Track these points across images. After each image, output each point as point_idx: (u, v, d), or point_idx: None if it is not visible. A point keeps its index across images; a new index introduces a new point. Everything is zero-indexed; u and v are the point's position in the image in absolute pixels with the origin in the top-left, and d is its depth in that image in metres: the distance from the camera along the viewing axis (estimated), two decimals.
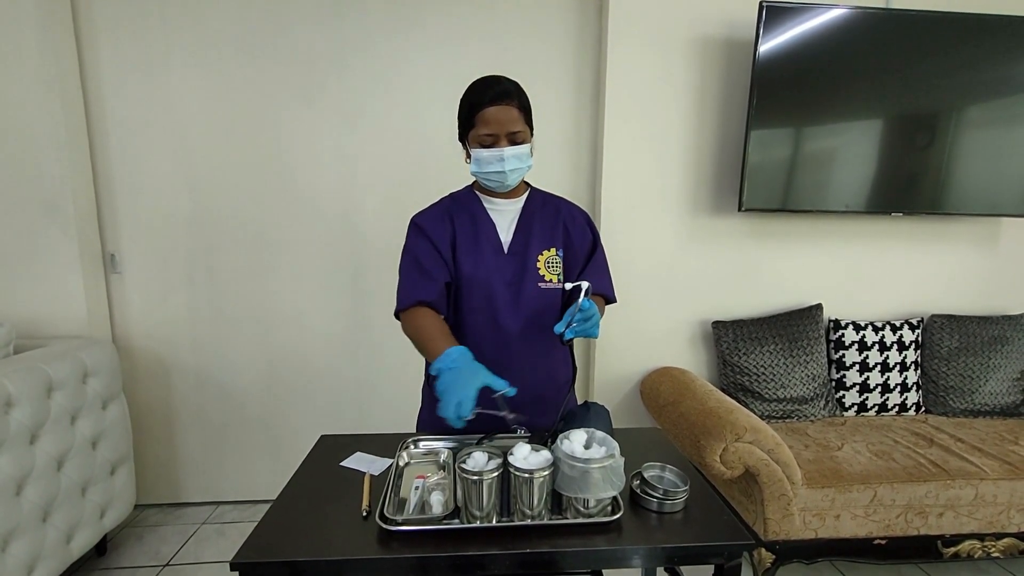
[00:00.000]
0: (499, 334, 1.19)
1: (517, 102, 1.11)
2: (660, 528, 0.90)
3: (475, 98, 1.11)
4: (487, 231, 1.21)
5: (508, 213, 1.23)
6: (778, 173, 2.00)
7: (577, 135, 2.17)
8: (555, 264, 1.22)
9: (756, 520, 1.65)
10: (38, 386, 1.53)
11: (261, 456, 2.27)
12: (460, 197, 1.26)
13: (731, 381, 2.10)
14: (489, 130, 1.11)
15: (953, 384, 2.13)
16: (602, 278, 1.28)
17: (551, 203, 1.28)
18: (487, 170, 1.14)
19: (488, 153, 1.12)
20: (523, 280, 1.19)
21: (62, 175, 1.88)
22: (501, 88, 1.10)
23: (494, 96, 1.09)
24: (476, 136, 1.13)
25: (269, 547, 0.84)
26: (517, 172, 1.16)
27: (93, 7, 1.93)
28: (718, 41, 2.03)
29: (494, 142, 1.12)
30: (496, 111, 1.09)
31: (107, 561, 1.91)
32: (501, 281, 1.19)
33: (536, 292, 1.20)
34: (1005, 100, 2.00)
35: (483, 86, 1.12)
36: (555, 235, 1.24)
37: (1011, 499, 1.68)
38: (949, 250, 2.28)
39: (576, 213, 1.29)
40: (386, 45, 2.04)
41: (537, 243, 1.21)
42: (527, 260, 1.20)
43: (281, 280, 2.15)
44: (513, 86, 1.12)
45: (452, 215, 1.22)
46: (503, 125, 1.10)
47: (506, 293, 1.19)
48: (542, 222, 1.24)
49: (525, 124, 1.14)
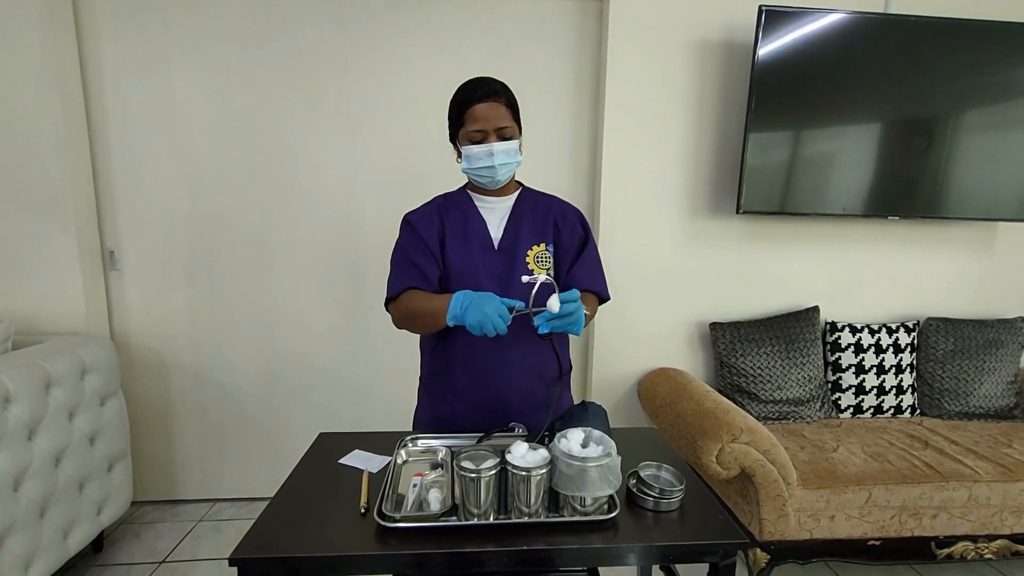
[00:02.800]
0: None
1: (505, 99, 1.14)
2: (656, 527, 0.91)
3: (464, 96, 1.15)
4: (477, 227, 1.23)
5: (499, 211, 1.25)
6: (776, 176, 2.01)
7: (577, 138, 2.18)
8: (545, 259, 1.23)
9: (752, 520, 1.66)
10: (36, 382, 1.53)
11: (259, 454, 2.27)
12: (452, 196, 1.28)
13: (728, 382, 2.11)
14: (478, 126, 1.13)
15: (948, 387, 2.14)
16: (593, 274, 1.28)
17: (543, 201, 1.29)
18: (477, 166, 1.16)
19: (478, 149, 1.15)
20: (512, 275, 1.20)
21: (62, 172, 1.88)
22: (489, 87, 1.13)
23: (483, 94, 1.12)
24: (466, 133, 1.15)
25: (267, 543, 0.85)
26: (507, 167, 1.18)
27: (95, 7, 1.93)
28: (717, 45, 2.04)
29: (483, 138, 1.14)
30: (485, 108, 1.12)
31: (104, 557, 1.91)
32: (489, 276, 1.20)
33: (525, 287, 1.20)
34: (1002, 105, 2.02)
35: (471, 85, 1.15)
36: (545, 231, 1.25)
37: (1004, 501, 1.69)
38: (945, 254, 2.29)
39: (568, 210, 1.30)
40: (387, 48, 2.05)
41: (527, 239, 1.23)
42: (516, 255, 1.21)
43: (280, 279, 2.16)
44: (500, 85, 1.15)
45: (443, 213, 1.24)
46: (491, 121, 1.13)
47: (494, 288, 1.19)
48: (533, 219, 1.25)
49: (513, 121, 1.16)
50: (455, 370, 1.23)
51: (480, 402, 1.22)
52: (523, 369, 1.22)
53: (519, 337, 1.19)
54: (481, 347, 1.18)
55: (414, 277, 1.19)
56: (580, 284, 1.24)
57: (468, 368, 1.22)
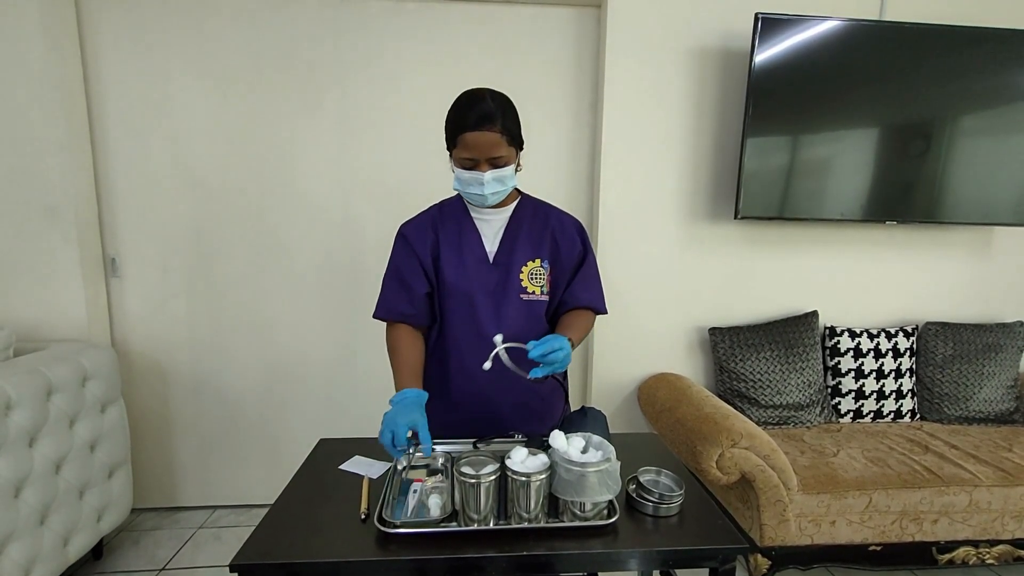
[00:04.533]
0: (483, 343, 1.17)
1: (500, 125, 1.07)
2: (655, 532, 0.91)
3: (458, 117, 1.08)
4: (472, 241, 1.21)
5: (495, 223, 1.22)
6: (774, 181, 2.02)
7: (575, 143, 2.19)
8: (539, 276, 1.20)
9: (752, 526, 1.66)
10: (37, 389, 1.53)
11: (258, 461, 2.27)
12: (448, 205, 1.26)
13: (727, 387, 2.11)
14: (469, 154, 1.08)
15: (947, 391, 2.14)
16: (591, 290, 1.24)
17: (541, 212, 1.25)
18: (467, 190, 1.14)
19: (468, 175, 1.11)
20: (506, 291, 1.18)
21: (64, 179, 1.89)
22: (484, 111, 1.06)
23: (476, 120, 1.06)
24: (457, 157, 1.11)
25: (268, 549, 0.85)
26: (498, 194, 1.14)
27: (97, 14, 1.95)
28: (714, 52, 2.06)
29: (475, 166, 1.10)
30: (477, 136, 1.06)
31: (103, 565, 1.91)
32: (483, 291, 1.18)
33: (518, 303, 1.19)
34: (998, 110, 2.03)
35: (467, 106, 1.08)
36: (542, 246, 1.21)
37: (1005, 506, 1.69)
38: (943, 258, 2.30)
39: (567, 222, 1.25)
40: (387, 55, 2.06)
41: (522, 254, 1.20)
42: (511, 271, 1.19)
43: (280, 286, 2.16)
44: (498, 106, 1.07)
45: (437, 225, 1.22)
46: (483, 151, 1.07)
47: (487, 303, 1.18)
48: (529, 232, 1.21)
49: (510, 146, 1.10)
50: (449, 385, 1.23)
51: (474, 413, 1.21)
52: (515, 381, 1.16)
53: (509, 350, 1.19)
54: (470, 357, 1.17)
55: (401, 302, 1.20)
56: (578, 302, 1.21)
57: (462, 380, 1.21)
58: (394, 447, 0.95)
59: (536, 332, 1.17)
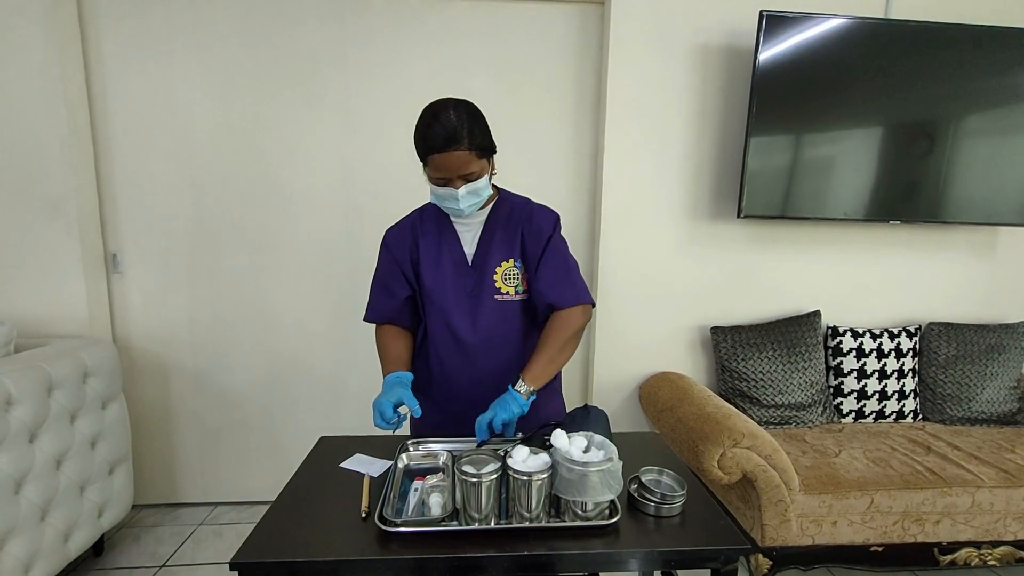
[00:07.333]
0: (459, 346, 1.22)
1: (468, 143, 1.05)
2: (657, 532, 0.91)
3: (424, 139, 1.07)
4: (451, 245, 1.23)
5: (474, 225, 1.23)
6: (777, 180, 2.01)
7: (578, 141, 2.18)
8: (512, 276, 1.21)
9: (753, 526, 1.65)
10: (38, 385, 1.53)
11: (259, 458, 2.27)
12: (429, 210, 1.27)
13: (729, 387, 2.10)
14: (440, 175, 1.09)
15: (950, 392, 2.14)
16: (557, 284, 1.19)
17: (517, 209, 1.23)
18: (444, 204, 1.15)
19: (443, 191, 1.12)
20: (481, 293, 1.20)
21: (65, 174, 1.89)
22: (450, 131, 1.03)
23: (444, 142, 1.04)
24: (430, 175, 1.12)
25: (268, 547, 0.85)
26: (474, 205, 1.15)
27: (98, 8, 1.94)
28: (718, 49, 2.05)
29: (448, 182, 1.10)
30: (445, 158, 1.05)
31: (104, 561, 1.91)
32: (460, 294, 1.21)
33: (492, 304, 1.20)
34: (1004, 109, 2.02)
35: (432, 127, 1.05)
36: (514, 246, 1.21)
37: (1007, 507, 1.68)
38: (947, 258, 2.29)
39: (535, 213, 1.23)
40: (388, 51, 2.05)
41: (496, 255, 1.21)
42: (485, 273, 1.21)
43: (281, 282, 2.16)
44: (463, 122, 1.05)
45: (417, 230, 1.25)
46: (454, 170, 1.07)
47: (464, 306, 1.21)
48: (503, 233, 1.21)
49: (480, 159, 1.09)
50: (432, 385, 1.28)
51: (458, 414, 1.22)
52: (494, 383, 1.17)
53: (488, 352, 1.21)
54: (450, 359, 1.23)
55: (385, 306, 1.27)
56: (543, 298, 1.18)
57: (443, 381, 1.25)
58: (385, 422, 1.04)
59: (511, 331, 1.22)
